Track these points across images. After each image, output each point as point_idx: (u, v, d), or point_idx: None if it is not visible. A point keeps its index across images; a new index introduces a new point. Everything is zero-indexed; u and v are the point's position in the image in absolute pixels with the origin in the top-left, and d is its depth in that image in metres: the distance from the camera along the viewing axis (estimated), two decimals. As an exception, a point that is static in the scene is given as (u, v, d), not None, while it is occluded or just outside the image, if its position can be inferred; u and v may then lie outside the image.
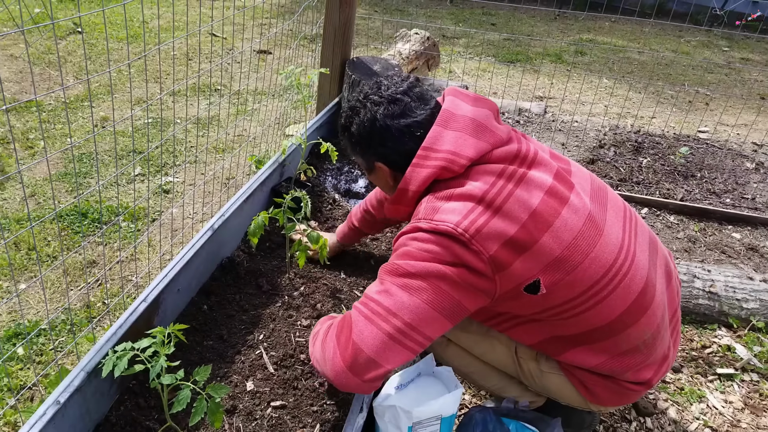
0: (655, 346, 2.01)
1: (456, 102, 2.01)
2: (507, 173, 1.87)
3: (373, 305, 1.82)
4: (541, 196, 1.84)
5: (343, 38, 3.91)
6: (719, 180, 4.77)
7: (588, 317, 1.90)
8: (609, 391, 2.05)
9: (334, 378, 1.85)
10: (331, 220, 3.24)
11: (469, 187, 1.83)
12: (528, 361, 2.17)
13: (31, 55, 6.16)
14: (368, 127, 2.02)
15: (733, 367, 2.97)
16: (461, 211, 1.79)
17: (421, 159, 1.92)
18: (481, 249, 1.75)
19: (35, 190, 3.89)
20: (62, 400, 1.83)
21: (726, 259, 3.80)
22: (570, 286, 1.84)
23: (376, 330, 1.78)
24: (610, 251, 1.88)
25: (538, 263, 1.80)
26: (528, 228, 1.78)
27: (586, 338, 1.96)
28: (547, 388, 2.20)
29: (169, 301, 2.40)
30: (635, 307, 1.91)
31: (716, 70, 8.46)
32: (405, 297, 1.78)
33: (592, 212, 1.91)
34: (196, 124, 5.18)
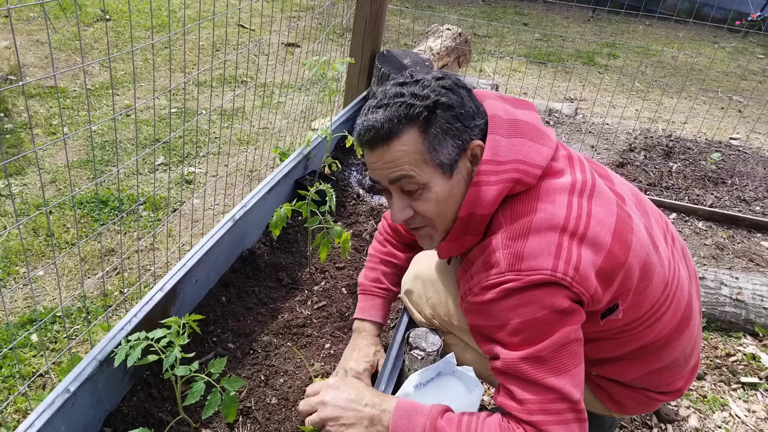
0: (692, 357, 1.93)
1: (501, 106, 1.74)
2: (578, 188, 1.64)
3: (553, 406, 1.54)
4: (615, 210, 1.64)
5: (373, 29, 3.87)
6: (750, 187, 4.69)
7: (644, 335, 1.78)
8: (635, 402, 1.98)
9: None
10: (355, 215, 3.20)
11: (544, 214, 1.57)
12: None
13: (57, 41, 6.17)
14: (463, 95, 1.67)
15: (758, 376, 2.92)
16: (550, 251, 1.53)
17: (484, 174, 1.61)
18: (582, 290, 1.53)
19: (56, 177, 3.87)
20: (72, 388, 1.80)
21: (754, 267, 3.74)
22: (639, 305, 1.70)
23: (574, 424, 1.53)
24: (663, 265, 1.74)
25: (622, 288, 1.63)
26: (613, 252, 1.57)
27: (633, 354, 1.86)
28: None
29: (186, 291, 2.37)
30: (683, 319, 1.82)
31: (750, 77, 8.36)
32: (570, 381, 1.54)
33: (652, 228, 1.78)
34: (221, 115, 5.16)
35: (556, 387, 1.52)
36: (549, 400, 1.53)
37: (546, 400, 1.53)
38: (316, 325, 2.54)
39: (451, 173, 1.64)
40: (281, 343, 2.43)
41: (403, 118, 1.60)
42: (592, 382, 2.00)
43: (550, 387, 1.52)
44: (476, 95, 1.76)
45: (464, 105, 1.64)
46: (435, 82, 1.65)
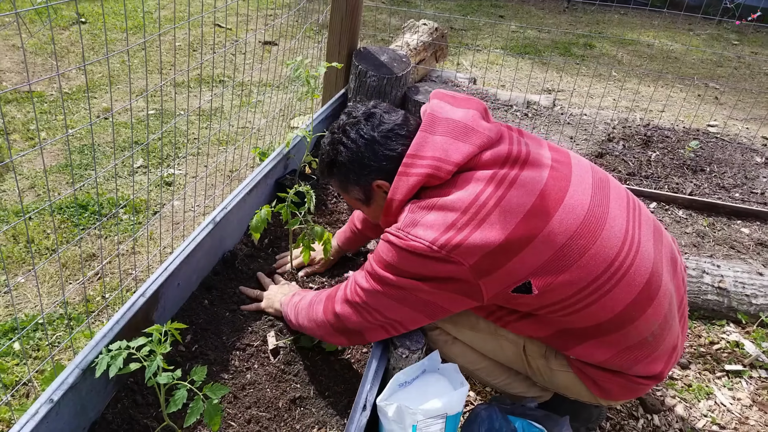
0: (663, 337, 1.96)
1: (440, 105, 2.02)
2: (497, 178, 1.82)
3: (359, 297, 1.94)
4: (532, 201, 1.80)
5: (350, 27, 3.86)
6: (728, 174, 4.71)
7: (592, 312, 1.85)
8: (619, 387, 2.01)
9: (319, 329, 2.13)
10: (336, 213, 3.19)
11: (453, 197, 1.80)
12: (537, 359, 2.12)
13: (33, 45, 6.12)
14: (356, 147, 2.02)
15: (742, 363, 2.94)
16: (440, 226, 1.76)
17: (407, 167, 1.91)
18: (460, 260, 1.74)
19: (35, 182, 3.84)
20: (56, 398, 1.79)
21: (735, 254, 3.75)
22: (566, 285, 1.79)
23: (360, 319, 1.96)
24: (613, 244, 1.83)
25: (526, 267, 1.77)
26: (516, 234, 1.74)
27: (593, 332, 1.91)
28: (556, 384, 2.15)
29: (168, 295, 2.36)
30: (641, 297, 1.86)
31: (726, 64, 8.40)
32: (386, 300, 1.87)
33: (592, 207, 1.85)
34: (200, 115, 5.14)
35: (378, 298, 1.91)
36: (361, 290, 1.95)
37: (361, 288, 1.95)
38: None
39: (368, 203, 2.14)
40: (263, 346, 2.42)
41: (323, 169, 2.17)
42: (574, 367, 2.06)
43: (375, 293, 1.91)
44: (431, 95, 2.14)
45: (360, 153, 2.02)
46: (341, 134, 2.07)
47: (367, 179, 2.04)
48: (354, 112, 2.10)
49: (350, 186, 2.09)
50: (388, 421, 1.96)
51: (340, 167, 2.06)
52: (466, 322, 2.14)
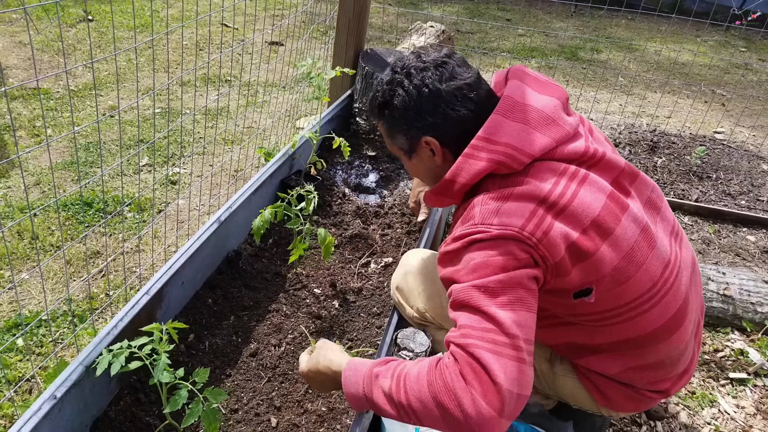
0: (679, 362, 1.94)
1: (521, 88, 1.83)
2: (569, 172, 1.71)
3: (491, 336, 1.52)
4: (603, 199, 1.70)
5: (357, 28, 3.86)
6: (735, 181, 4.70)
7: (624, 328, 1.81)
8: (624, 398, 1.98)
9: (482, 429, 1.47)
10: (341, 215, 3.19)
11: (529, 186, 1.66)
12: (540, 362, 2.09)
13: (40, 42, 6.13)
14: (416, 95, 1.82)
15: (746, 371, 2.92)
16: (524, 213, 1.62)
17: (476, 150, 1.73)
18: (547, 254, 1.61)
19: (41, 179, 3.84)
20: (59, 394, 1.79)
21: (740, 261, 3.75)
22: (618, 296, 1.74)
23: (510, 362, 1.50)
24: (659, 264, 1.77)
25: (595, 273, 1.68)
26: (589, 234, 1.65)
27: (613, 347, 1.88)
28: (558, 390, 2.12)
29: (172, 294, 2.36)
30: (671, 322, 1.82)
31: (733, 71, 8.38)
32: (512, 316, 1.54)
33: (647, 225, 1.79)
34: (206, 114, 5.14)
35: (499, 318, 1.52)
36: (488, 329, 1.53)
37: (485, 329, 1.53)
38: (301, 328, 2.53)
39: (410, 156, 1.94)
40: (266, 346, 2.42)
41: (374, 107, 1.96)
42: (579, 373, 2.02)
43: (491, 316, 1.53)
44: (509, 72, 1.92)
45: (419, 103, 1.82)
46: (404, 76, 1.85)
47: (417, 132, 1.86)
48: (424, 55, 1.90)
49: (397, 133, 1.91)
50: (390, 423, 1.96)
51: (393, 111, 1.87)
52: None
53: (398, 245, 3.01)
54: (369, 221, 3.18)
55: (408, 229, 3.11)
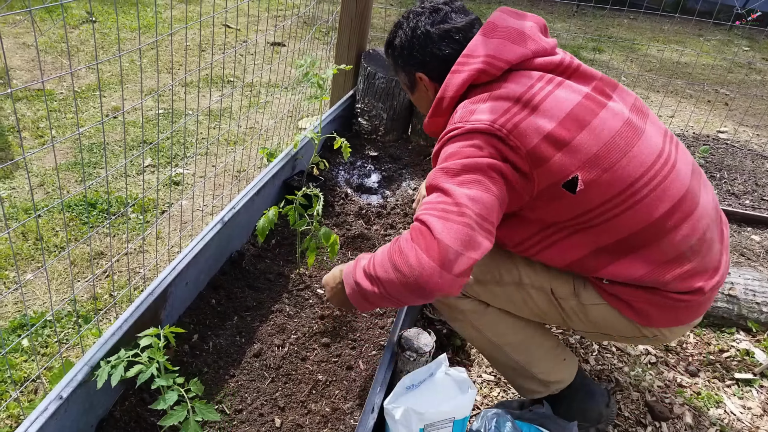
0: (703, 253, 1.92)
1: (502, 16, 2.02)
2: (546, 78, 1.88)
3: (441, 206, 1.73)
4: (578, 99, 1.85)
5: (359, 29, 3.86)
6: (739, 181, 4.70)
7: (626, 220, 1.84)
8: (656, 307, 1.96)
9: (426, 281, 1.67)
10: (343, 215, 3.19)
11: (505, 89, 1.84)
12: (568, 299, 2.08)
13: (44, 43, 6.14)
14: (410, 36, 2.09)
15: (752, 372, 2.91)
16: (498, 110, 1.80)
17: (460, 65, 1.94)
18: (518, 144, 1.76)
19: (44, 180, 3.85)
20: (65, 395, 1.79)
21: (745, 261, 3.74)
22: (608, 184, 1.80)
23: (455, 225, 1.68)
24: (649, 153, 1.85)
25: (576, 159, 1.79)
26: (565, 125, 1.79)
27: (626, 246, 1.89)
28: (593, 322, 2.10)
29: (176, 294, 2.36)
30: (675, 211, 1.85)
31: (736, 70, 8.38)
32: (466, 191, 1.73)
33: (631, 118, 1.89)
34: (208, 115, 5.14)
35: (452, 191, 1.73)
36: (441, 201, 1.74)
37: (439, 201, 1.74)
38: (305, 328, 2.53)
39: (413, 91, 2.22)
40: (270, 347, 2.42)
41: (385, 47, 2.24)
42: (607, 294, 2.02)
43: (446, 190, 1.74)
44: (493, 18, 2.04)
45: (411, 43, 2.09)
46: (404, 19, 2.14)
47: (411, 69, 2.13)
48: (427, 1, 2.14)
49: (398, 69, 2.20)
50: (395, 423, 1.96)
51: (394, 50, 2.17)
52: (490, 278, 2.12)
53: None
54: (371, 222, 3.18)
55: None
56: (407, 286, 1.71)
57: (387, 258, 1.77)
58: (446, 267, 1.66)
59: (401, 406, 1.94)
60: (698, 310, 2.00)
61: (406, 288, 1.71)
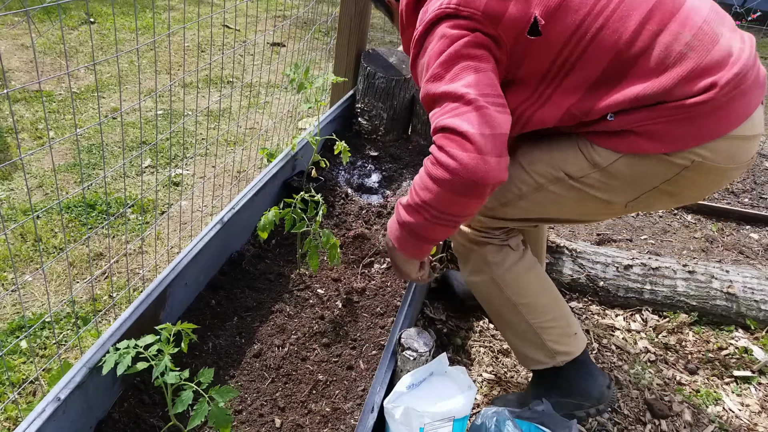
0: (703, 47, 1.73)
1: None
2: None
3: (448, 107, 1.77)
4: None
5: (358, 29, 3.85)
6: (738, 179, 4.69)
7: (603, 41, 1.76)
8: (674, 122, 1.77)
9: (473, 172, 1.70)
10: (344, 215, 3.18)
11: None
12: (587, 174, 1.96)
13: (43, 44, 6.13)
14: None
15: (750, 369, 2.92)
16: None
17: None
18: (471, 11, 1.77)
19: (43, 181, 3.84)
20: (63, 396, 1.78)
21: (744, 259, 3.74)
22: (569, 11, 1.76)
23: (469, 114, 1.72)
24: None
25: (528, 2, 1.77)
26: None
27: (616, 70, 1.78)
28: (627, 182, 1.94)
29: (176, 295, 2.35)
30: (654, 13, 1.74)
31: (734, 69, 8.35)
32: (461, 83, 1.75)
33: None
34: (208, 116, 5.14)
35: (449, 90, 1.76)
36: (445, 105, 1.78)
37: (443, 106, 1.78)
38: (305, 328, 2.53)
39: (392, 19, 2.34)
40: (270, 347, 2.42)
41: None
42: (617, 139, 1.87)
43: (444, 93, 1.78)
44: None
45: None
46: None
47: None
48: None
49: (377, 4, 2.36)
50: (395, 423, 1.95)
51: None
52: (512, 196, 2.12)
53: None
54: (372, 222, 3.17)
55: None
56: (457, 190, 1.75)
57: (425, 178, 1.82)
58: (485, 151, 1.69)
59: (401, 406, 1.94)
60: (726, 114, 1.77)
61: (458, 192, 1.75)
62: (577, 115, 1.87)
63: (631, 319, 3.13)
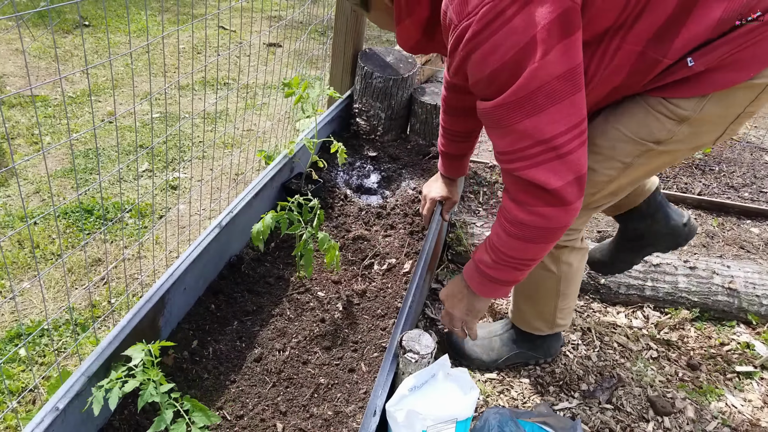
0: None
1: None
2: None
3: (530, 152, 1.65)
4: None
5: (355, 28, 3.84)
6: (737, 174, 4.68)
7: None
8: (755, 45, 1.66)
9: (558, 227, 1.75)
10: (343, 216, 3.17)
11: None
12: (676, 133, 1.86)
13: (37, 49, 6.12)
14: None
15: (752, 364, 2.91)
16: None
17: None
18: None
19: (40, 187, 3.83)
20: (61, 406, 1.77)
21: (744, 254, 3.73)
22: None
23: (555, 164, 1.64)
24: None
25: None
26: None
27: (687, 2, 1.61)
28: (710, 119, 1.82)
29: (175, 300, 2.34)
30: None
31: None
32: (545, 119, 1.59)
33: None
34: (204, 118, 5.13)
35: (529, 130, 1.60)
36: (524, 147, 1.64)
37: (521, 148, 1.65)
38: (306, 331, 2.52)
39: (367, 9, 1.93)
40: (271, 351, 2.41)
41: None
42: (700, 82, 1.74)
43: (522, 131, 1.62)
44: None
45: None
46: None
47: None
48: None
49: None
50: (397, 425, 1.94)
51: None
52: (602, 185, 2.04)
53: (401, 246, 2.99)
54: (371, 223, 3.16)
55: (411, 229, 3.09)
56: (541, 242, 1.80)
57: (508, 238, 1.84)
58: (568, 203, 1.69)
59: (404, 409, 1.93)
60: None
61: (542, 244, 1.81)
62: (654, 57, 1.72)
63: (632, 316, 3.12)
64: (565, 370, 2.77)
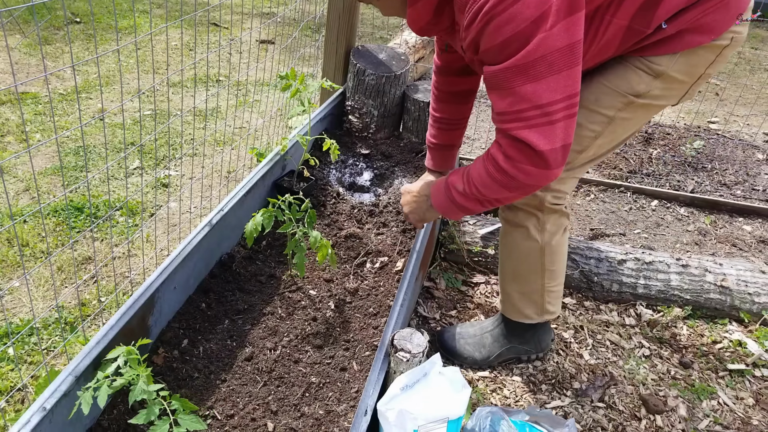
0: None
1: None
2: None
3: (525, 114, 1.75)
4: None
5: (348, 24, 3.82)
6: (730, 171, 4.69)
7: None
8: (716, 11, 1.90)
9: (536, 184, 1.85)
10: (335, 214, 3.16)
11: None
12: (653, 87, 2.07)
13: (28, 45, 6.09)
14: None
15: (745, 362, 2.92)
16: None
17: None
18: None
19: (30, 185, 3.81)
20: (48, 406, 1.75)
21: (737, 252, 3.73)
22: None
23: (546, 128, 1.74)
24: None
25: None
26: None
27: None
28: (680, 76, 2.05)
29: (165, 299, 2.32)
30: None
31: (725, 60, 8.36)
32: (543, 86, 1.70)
33: None
34: (195, 116, 5.11)
35: (528, 94, 1.70)
36: (521, 109, 1.73)
37: (519, 110, 1.74)
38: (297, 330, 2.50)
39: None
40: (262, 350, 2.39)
41: None
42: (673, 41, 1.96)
43: (522, 95, 1.71)
44: None
45: None
46: None
47: None
48: None
49: None
50: (389, 425, 1.93)
51: None
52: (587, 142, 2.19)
53: (394, 244, 2.98)
54: (364, 221, 3.15)
55: (403, 227, 3.08)
56: (515, 191, 1.89)
57: (489, 179, 1.90)
58: (550, 167, 1.78)
59: (395, 408, 1.92)
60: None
61: (515, 193, 1.90)
62: (639, 29, 1.91)
63: (625, 314, 3.12)
64: (557, 369, 2.76)
